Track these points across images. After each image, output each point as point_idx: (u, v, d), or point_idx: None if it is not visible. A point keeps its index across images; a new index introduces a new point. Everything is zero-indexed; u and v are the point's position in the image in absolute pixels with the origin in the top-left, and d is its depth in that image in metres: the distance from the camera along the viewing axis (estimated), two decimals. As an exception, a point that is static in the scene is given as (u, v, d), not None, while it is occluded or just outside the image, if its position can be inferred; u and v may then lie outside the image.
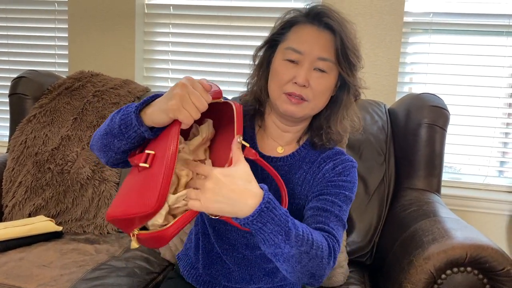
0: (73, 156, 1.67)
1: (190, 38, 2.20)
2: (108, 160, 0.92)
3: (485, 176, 2.00)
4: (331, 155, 1.03)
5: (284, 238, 0.78)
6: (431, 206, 1.36)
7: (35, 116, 1.75)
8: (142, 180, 0.78)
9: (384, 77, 1.96)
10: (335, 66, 0.95)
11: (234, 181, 0.75)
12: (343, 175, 0.99)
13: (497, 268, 1.01)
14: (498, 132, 1.98)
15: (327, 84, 0.96)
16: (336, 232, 0.90)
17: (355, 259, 1.51)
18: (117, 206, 0.80)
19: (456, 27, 1.96)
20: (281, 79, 0.96)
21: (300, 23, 0.98)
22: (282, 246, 0.78)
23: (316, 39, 0.94)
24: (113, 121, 0.87)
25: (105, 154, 0.91)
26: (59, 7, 2.30)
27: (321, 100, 0.97)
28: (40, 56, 2.37)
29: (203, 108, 0.78)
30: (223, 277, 1.07)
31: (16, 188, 1.65)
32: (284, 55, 0.96)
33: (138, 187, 0.78)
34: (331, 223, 0.91)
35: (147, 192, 0.75)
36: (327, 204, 0.93)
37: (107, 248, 1.47)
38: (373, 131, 1.59)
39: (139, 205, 0.75)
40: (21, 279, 1.20)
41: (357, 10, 1.94)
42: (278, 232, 0.77)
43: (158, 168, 0.76)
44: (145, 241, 0.78)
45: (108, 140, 0.88)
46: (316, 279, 0.85)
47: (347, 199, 0.97)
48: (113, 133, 0.87)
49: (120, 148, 0.88)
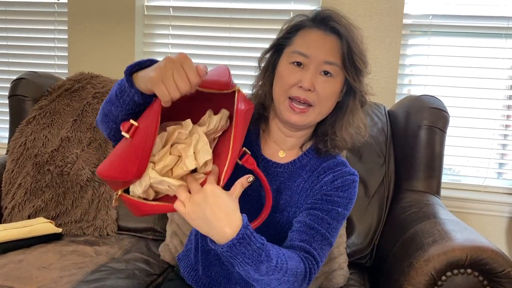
0: (72, 157, 1.67)
1: (189, 40, 2.21)
2: (109, 132, 0.89)
3: (485, 178, 2.00)
4: (332, 166, 1.02)
5: (254, 269, 0.78)
6: (431, 208, 1.36)
7: (34, 117, 1.74)
8: (126, 148, 0.77)
9: (383, 79, 1.96)
10: (341, 71, 0.95)
11: (220, 205, 0.75)
12: (341, 190, 0.98)
13: (497, 270, 1.01)
14: (497, 134, 1.98)
15: (332, 88, 0.95)
16: (319, 252, 0.91)
17: (355, 261, 1.51)
18: (104, 165, 0.79)
19: (455, 29, 1.96)
20: (286, 83, 0.95)
21: (307, 27, 0.98)
22: (251, 273, 0.79)
23: (322, 43, 0.94)
24: (113, 88, 0.84)
25: (106, 125, 0.88)
26: (59, 9, 2.29)
27: (326, 105, 0.97)
28: (40, 57, 2.37)
29: (184, 88, 0.71)
30: (222, 278, 1.07)
31: (15, 189, 1.65)
32: (289, 58, 0.96)
33: (122, 153, 0.77)
34: (314, 243, 0.91)
35: (128, 161, 0.75)
36: (316, 221, 0.93)
37: (107, 250, 1.46)
38: (372, 133, 1.59)
39: (120, 171, 0.75)
40: (20, 281, 1.20)
41: (357, 12, 1.94)
42: (248, 264, 0.77)
43: (138, 142, 0.75)
44: (125, 204, 0.81)
45: (107, 109, 0.85)
46: None
47: (339, 216, 0.96)
48: (111, 100, 0.83)
49: (118, 117, 0.84)
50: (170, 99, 0.72)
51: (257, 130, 1.07)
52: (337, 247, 1.41)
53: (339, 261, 1.39)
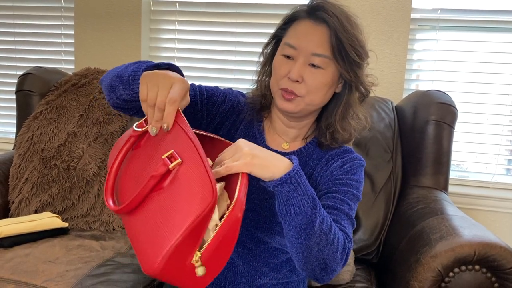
0: (79, 152, 1.67)
1: (196, 35, 2.20)
2: (109, 99, 0.94)
3: (493, 174, 1.98)
4: (339, 153, 1.03)
5: (311, 206, 0.78)
6: (439, 203, 1.35)
7: (41, 112, 1.75)
8: (177, 189, 0.66)
9: (391, 74, 1.94)
10: (332, 62, 0.94)
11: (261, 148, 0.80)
12: (351, 173, 0.98)
13: (505, 267, 0.99)
14: (506, 130, 1.96)
15: (322, 79, 0.94)
16: (348, 230, 0.90)
17: (361, 257, 1.50)
18: (155, 244, 0.62)
19: (464, 24, 1.94)
20: (277, 74, 0.97)
21: (300, 18, 0.97)
22: (308, 214, 0.78)
23: (311, 35, 0.94)
24: (127, 69, 0.90)
25: (109, 94, 0.93)
26: (66, 4, 2.30)
27: (317, 95, 0.96)
28: (47, 53, 2.38)
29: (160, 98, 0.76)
30: (228, 272, 1.06)
31: (22, 184, 1.66)
32: (281, 50, 0.97)
33: (171, 199, 0.65)
34: (343, 221, 0.90)
35: (192, 190, 0.64)
36: (337, 202, 0.93)
37: (113, 244, 1.47)
38: (380, 128, 1.58)
39: (194, 209, 0.61)
40: (27, 275, 1.20)
41: (364, 6, 1.92)
42: (308, 196, 0.79)
43: (191, 165, 0.66)
44: (213, 257, 0.64)
45: (115, 83, 0.91)
46: (327, 272, 0.84)
47: (354, 197, 0.96)
48: (122, 79, 0.89)
49: (122, 96, 0.90)
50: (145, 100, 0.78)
51: (260, 122, 1.08)
52: (343, 243, 1.41)
53: (345, 257, 1.38)
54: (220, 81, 2.16)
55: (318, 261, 0.82)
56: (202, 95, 1.04)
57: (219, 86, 1.12)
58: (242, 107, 1.09)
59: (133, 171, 0.78)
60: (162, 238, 0.61)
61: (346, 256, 0.86)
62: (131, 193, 0.72)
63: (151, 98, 0.77)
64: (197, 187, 0.63)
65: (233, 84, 2.14)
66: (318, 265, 0.83)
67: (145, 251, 0.64)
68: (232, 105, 1.08)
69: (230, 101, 1.08)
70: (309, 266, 0.83)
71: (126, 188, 0.77)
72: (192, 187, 0.64)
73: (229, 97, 1.08)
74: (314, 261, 0.82)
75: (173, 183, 0.67)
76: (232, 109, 1.08)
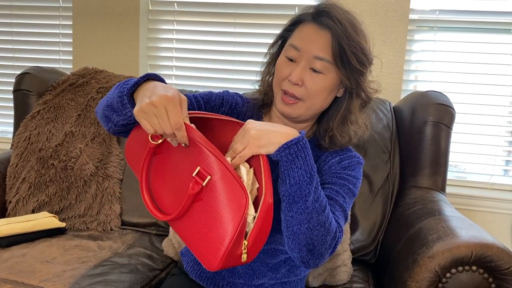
0: (76, 152, 1.67)
1: (194, 35, 2.20)
2: (109, 129, 0.92)
3: (491, 175, 1.98)
4: (338, 151, 1.04)
5: (308, 181, 0.81)
6: (436, 204, 1.35)
7: (39, 112, 1.75)
8: (214, 198, 0.77)
9: (389, 75, 1.95)
10: (334, 67, 0.94)
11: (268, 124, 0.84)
12: (349, 169, 0.99)
13: (502, 267, 0.99)
14: (504, 131, 1.96)
15: (322, 84, 0.95)
16: (341, 221, 0.91)
17: (359, 257, 1.50)
18: (209, 248, 0.77)
19: (462, 25, 1.94)
20: (279, 75, 0.97)
21: (305, 22, 0.98)
22: (303, 187, 0.81)
23: (315, 38, 0.94)
24: (113, 94, 0.87)
25: (106, 124, 0.92)
26: (64, 4, 2.30)
27: (317, 100, 0.96)
28: (45, 52, 2.37)
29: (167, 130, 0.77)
30: (226, 272, 1.06)
31: (19, 184, 1.65)
32: (285, 52, 0.98)
33: (212, 207, 0.77)
34: (336, 212, 0.91)
35: (228, 197, 0.75)
36: (332, 193, 0.94)
37: (110, 244, 1.46)
38: (378, 129, 1.58)
39: (234, 214, 0.75)
40: (24, 275, 1.20)
41: (362, 7, 1.93)
42: (306, 171, 0.81)
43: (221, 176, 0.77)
44: (255, 242, 0.77)
45: (108, 113, 0.88)
46: (314, 255, 0.85)
47: (350, 192, 0.97)
48: (113, 108, 0.87)
49: (119, 122, 0.88)
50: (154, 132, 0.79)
51: (259, 119, 1.09)
52: (341, 244, 1.41)
53: (343, 258, 1.38)
54: (218, 81, 2.16)
55: (306, 240, 0.83)
56: (199, 102, 1.04)
57: (217, 86, 1.13)
58: (240, 108, 1.10)
59: (164, 180, 0.86)
60: (214, 242, 0.75)
61: (335, 245, 0.87)
62: (170, 200, 0.84)
63: (159, 130, 0.78)
64: (231, 194, 0.76)
65: (231, 84, 2.13)
66: (306, 245, 0.83)
67: (201, 254, 0.78)
68: (230, 107, 1.08)
69: (227, 103, 1.08)
70: (297, 245, 0.84)
71: (162, 196, 0.86)
72: (227, 195, 0.76)
73: (226, 100, 1.08)
74: (302, 239, 0.83)
75: (209, 194, 0.78)
76: (230, 111, 1.08)
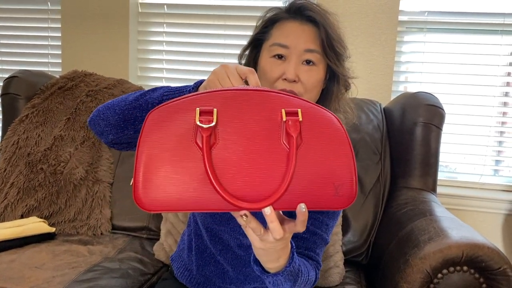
0: (66, 156, 1.65)
1: (184, 37, 2.19)
2: (117, 136, 0.85)
3: (481, 175, 2.00)
4: None
5: (291, 285, 0.79)
6: (427, 205, 1.36)
7: (27, 116, 1.73)
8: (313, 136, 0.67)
9: (379, 76, 1.95)
10: (323, 58, 0.94)
11: None
12: None
13: (493, 267, 1.00)
14: (493, 131, 1.98)
15: (317, 76, 0.95)
16: (320, 255, 0.97)
17: (351, 258, 1.50)
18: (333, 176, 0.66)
19: (451, 26, 1.96)
20: (270, 77, 0.95)
21: (283, 20, 0.97)
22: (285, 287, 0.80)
23: (300, 33, 0.94)
24: (148, 96, 0.83)
25: (120, 130, 0.84)
26: (52, 6, 2.28)
27: (313, 93, 0.96)
28: (33, 56, 2.35)
29: None
30: (217, 278, 1.06)
31: (8, 189, 1.63)
32: (270, 52, 0.96)
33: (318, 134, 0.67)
34: (317, 248, 0.96)
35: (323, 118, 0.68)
36: (316, 224, 0.96)
37: (101, 249, 1.45)
38: (368, 130, 1.58)
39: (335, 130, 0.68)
40: (12, 281, 1.18)
41: (352, 9, 1.93)
42: (290, 281, 0.79)
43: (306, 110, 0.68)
44: None
45: (136, 114, 0.82)
46: None
47: (335, 214, 1.00)
48: (147, 108, 0.81)
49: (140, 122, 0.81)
50: None
51: None
52: (333, 245, 1.41)
53: (335, 259, 1.38)
54: (209, 83, 2.15)
55: None
56: None
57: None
58: None
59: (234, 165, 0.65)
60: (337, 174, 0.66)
61: (315, 282, 0.92)
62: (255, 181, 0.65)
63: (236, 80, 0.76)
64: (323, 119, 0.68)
65: (222, 87, 2.13)
66: None
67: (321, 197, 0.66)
68: None
69: None
70: None
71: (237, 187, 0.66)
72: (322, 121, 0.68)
73: None
74: None
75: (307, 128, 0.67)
76: None
